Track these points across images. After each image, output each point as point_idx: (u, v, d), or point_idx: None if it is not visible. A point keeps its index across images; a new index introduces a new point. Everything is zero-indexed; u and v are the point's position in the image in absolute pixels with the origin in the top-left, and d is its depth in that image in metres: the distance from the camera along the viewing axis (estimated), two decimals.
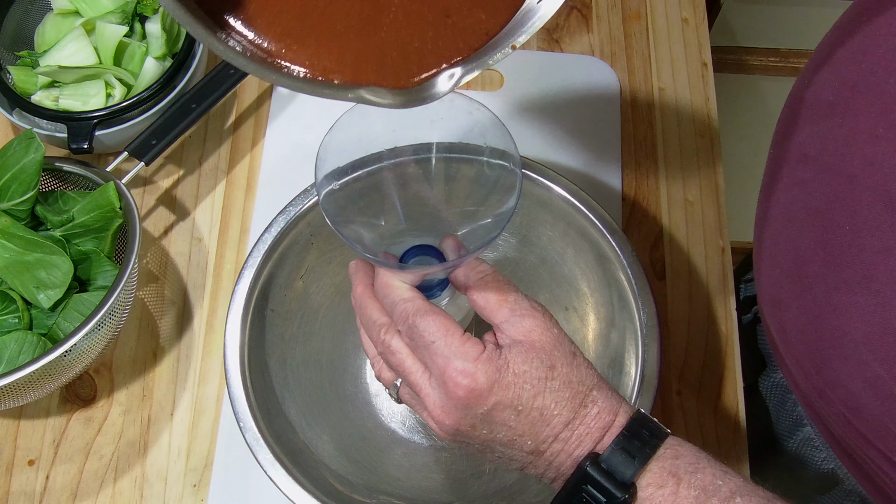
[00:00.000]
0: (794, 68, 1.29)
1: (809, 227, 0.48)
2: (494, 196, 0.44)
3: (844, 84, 0.47)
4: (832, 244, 0.45)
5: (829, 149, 0.46)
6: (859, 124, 0.44)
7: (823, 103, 0.48)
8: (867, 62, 0.45)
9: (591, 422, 0.41)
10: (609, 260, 0.61)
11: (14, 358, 0.60)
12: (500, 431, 0.42)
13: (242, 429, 0.55)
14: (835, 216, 0.45)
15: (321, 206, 0.42)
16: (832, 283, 0.46)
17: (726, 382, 0.68)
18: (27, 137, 0.62)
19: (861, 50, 0.46)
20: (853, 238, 0.43)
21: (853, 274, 0.44)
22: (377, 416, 0.66)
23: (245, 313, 0.58)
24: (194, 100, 0.70)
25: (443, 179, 0.47)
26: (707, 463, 0.41)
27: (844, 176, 0.44)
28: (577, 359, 0.43)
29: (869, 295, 0.43)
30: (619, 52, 0.82)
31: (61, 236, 0.64)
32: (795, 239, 0.49)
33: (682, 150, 0.77)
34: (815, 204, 0.47)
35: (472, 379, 0.40)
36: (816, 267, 0.47)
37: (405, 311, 0.42)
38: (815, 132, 0.48)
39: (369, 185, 0.45)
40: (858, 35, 0.47)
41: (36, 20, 0.75)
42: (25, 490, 0.64)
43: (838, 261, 0.45)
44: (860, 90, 0.45)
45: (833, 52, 0.49)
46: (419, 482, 0.62)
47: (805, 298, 0.48)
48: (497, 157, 0.43)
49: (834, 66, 0.48)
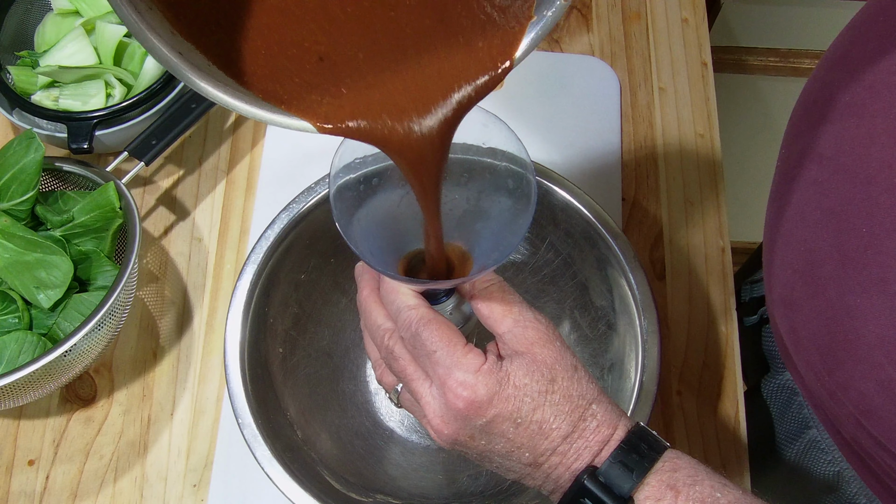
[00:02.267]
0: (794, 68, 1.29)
1: (824, 228, 0.48)
2: (506, 209, 0.44)
3: (861, 85, 0.46)
4: (847, 246, 0.45)
5: (846, 150, 0.46)
6: (877, 126, 0.44)
7: (840, 104, 0.48)
8: (885, 64, 0.45)
9: (590, 435, 0.41)
10: (609, 261, 0.61)
11: (14, 358, 0.60)
12: (499, 443, 0.42)
13: (241, 425, 0.55)
14: (851, 218, 0.45)
15: (332, 203, 0.41)
16: (847, 285, 0.45)
17: (726, 383, 0.68)
18: (27, 137, 0.62)
19: (879, 51, 0.46)
20: (870, 240, 0.43)
21: (868, 276, 0.43)
22: (375, 414, 0.66)
23: (246, 310, 0.58)
24: (194, 100, 0.70)
25: (454, 187, 0.46)
26: (706, 475, 0.41)
27: (861, 178, 0.44)
28: (578, 372, 0.43)
29: (885, 297, 0.42)
30: (619, 52, 0.82)
31: (61, 236, 0.64)
32: (809, 240, 0.49)
33: (682, 150, 0.77)
34: (830, 205, 0.47)
35: (472, 391, 0.40)
36: (830, 268, 0.47)
37: (409, 319, 0.42)
38: (832, 132, 0.48)
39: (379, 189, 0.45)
40: (875, 36, 0.47)
41: (36, 20, 0.76)
42: (25, 490, 0.64)
43: (854, 263, 0.45)
44: (878, 92, 0.45)
45: (849, 53, 0.49)
46: (416, 482, 0.62)
47: (818, 299, 0.48)
48: (511, 174, 0.43)
49: (850, 66, 0.48)
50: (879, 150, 0.43)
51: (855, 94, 0.47)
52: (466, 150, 0.44)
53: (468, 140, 0.43)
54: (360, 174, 0.43)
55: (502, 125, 0.42)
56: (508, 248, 0.42)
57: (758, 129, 1.35)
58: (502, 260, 0.41)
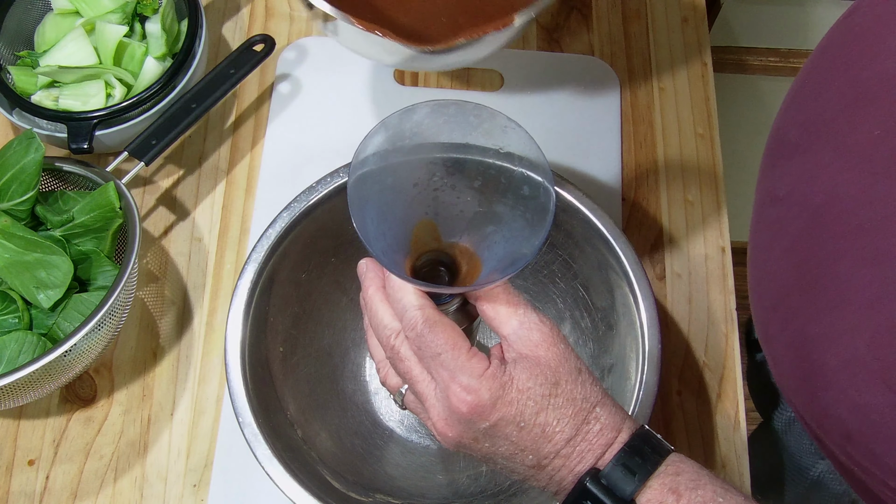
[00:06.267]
0: (794, 68, 1.28)
1: (786, 263, 0.49)
2: (518, 215, 0.44)
3: (804, 122, 0.48)
4: (806, 277, 0.47)
5: (796, 187, 0.48)
6: (820, 161, 0.46)
7: (789, 143, 0.50)
8: (823, 100, 0.47)
9: (593, 438, 0.42)
10: (610, 262, 0.61)
11: (14, 358, 0.60)
12: (503, 445, 0.42)
13: (241, 424, 0.55)
14: (805, 251, 0.47)
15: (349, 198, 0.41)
16: (808, 314, 0.47)
17: (726, 383, 0.68)
18: (27, 137, 0.62)
19: (818, 88, 0.48)
20: (823, 268, 0.45)
21: (825, 303, 0.45)
22: (375, 414, 0.66)
23: (247, 309, 0.58)
24: (194, 100, 0.70)
25: (467, 188, 0.46)
26: (708, 480, 0.41)
27: (810, 210, 0.46)
28: (582, 375, 0.43)
29: (840, 321, 0.43)
30: (619, 52, 0.82)
31: (61, 236, 0.64)
32: (776, 274, 0.51)
33: (682, 150, 0.77)
34: (788, 242, 0.49)
35: (476, 395, 0.40)
36: (794, 300, 0.48)
37: (414, 319, 0.42)
38: (784, 172, 0.50)
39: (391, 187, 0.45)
40: (816, 74, 0.49)
41: (36, 20, 0.76)
42: (25, 490, 0.64)
43: (811, 292, 0.46)
44: (818, 128, 0.47)
45: (797, 92, 0.51)
46: (416, 481, 0.62)
47: (788, 331, 0.49)
48: (527, 181, 0.43)
49: (796, 105, 0.50)
50: (824, 183, 0.45)
51: (800, 133, 0.48)
52: (483, 152, 0.44)
53: (486, 143, 0.43)
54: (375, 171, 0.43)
55: (522, 131, 0.42)
56: (522, 260, 0.42)
57: (758, 129, 1.35)
58: (515, 271, 0.41)
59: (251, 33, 0.81)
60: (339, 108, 0.78)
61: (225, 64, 0.72)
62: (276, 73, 0.80)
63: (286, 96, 0.79)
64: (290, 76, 0.80)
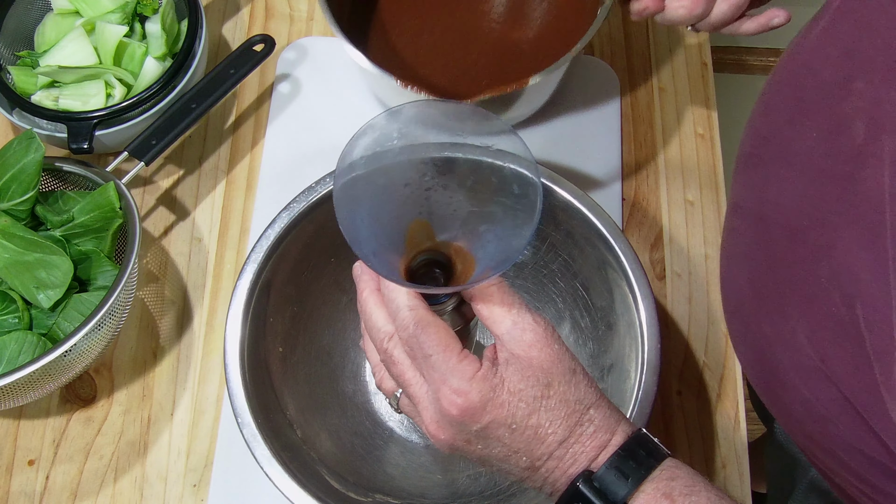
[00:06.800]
0: None
1: (742, 268, 0.52)
2: (510, 213, 0.44)
3: (757, 136, 0.51)
4: (757, 280, 0.49)
5: (751, 197, 0.51)
6: (769, 171, 0.48)
7: (746, 155, 0.53)
8: (774, 113, 0.49)
9: (587, 440, 0.42)
10: (610, 262, 0.61)
11: (14, 358, 0.60)
12: (495, 447, 0.42)
13: (240, 424, 0.55)
14: (757, 257, 0.49)
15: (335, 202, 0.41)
16: (760, 317, 0.49)
17: (726, 383, 0.68)
18: (27, 137, 0.62)
19: (769, 105, 0.50)
20: (771, 274, 0.47)
21: (773, 306, 0.47)
22: (375, 414, 0.66)
23: (246, 309, 0.58)
24: (194, 100, 0.70)
25: (460, 188, 0.46)
26: (703, 487, 0.41)
27: (759, 218, 0.49)
28: (576, 376, 0.43)
29: (785, 323, 0.45)
30: (619, 52, 0.82)
31: (61, 236, 0.64)
32: (735, 280, 0.53)
33: (682, 150, 0.77)
34: (743, 249, 0.52)
35: (466, 398, 0.40)
36: (750, 305, 0.50)
37: (407, 320, 0.42)
38: (742, 182, 0.53)
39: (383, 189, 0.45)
40: (769, 90, 0.51)
41: (36, 20, 0.76)
42: (25, 490, 0.64)
43: (762, 295, 0.48)
44: (768, 140, 0.49)
45: (756, 106, 0.54)
46: (415, 481, 0.62)
47: (748, 336, 0.51)
48: (517, 178, 0.43)
49: (754, 118, 0.53)
50: (773, 193, 0.48)
51: (754, 146, 0.51)
52: (474, 150, 0.44)
53: (474, 142, 0.43)
54: (364, 173, 0.43)
55: (506, 126, 0.42)
56: (512, 255, 0.42)
57: None
58: (506, 267, 0.41)
59: (251, 33, 0.81)
60: (339, 107, 0.78)
61: (225, 64, 0.72)
62: (276, 74, 0.80)
63: (286, 96, 0.79)
64: (290, 76, 0.80)
